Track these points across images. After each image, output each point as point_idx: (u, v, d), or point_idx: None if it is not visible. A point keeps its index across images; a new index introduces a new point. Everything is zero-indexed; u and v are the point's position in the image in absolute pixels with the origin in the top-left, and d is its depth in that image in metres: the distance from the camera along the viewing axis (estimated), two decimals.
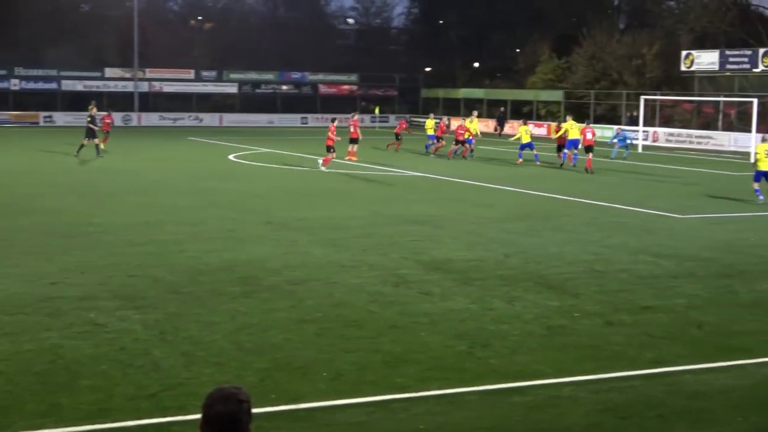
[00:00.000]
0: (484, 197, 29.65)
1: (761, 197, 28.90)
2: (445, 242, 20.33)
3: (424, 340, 12.31)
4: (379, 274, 16.63)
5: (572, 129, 43.13)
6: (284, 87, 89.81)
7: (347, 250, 19.13)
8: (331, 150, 38.40)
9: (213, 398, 4.58)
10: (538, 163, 42.74)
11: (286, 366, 11.08)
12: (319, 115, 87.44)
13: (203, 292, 14.95)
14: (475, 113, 51.64)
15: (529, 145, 43.25)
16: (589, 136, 41.55)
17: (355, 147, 43.60)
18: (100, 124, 44.95)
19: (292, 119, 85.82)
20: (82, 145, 42.72)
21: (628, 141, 49.98)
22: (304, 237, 20.75)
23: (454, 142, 47.48)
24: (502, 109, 75.39)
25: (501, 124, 74.32)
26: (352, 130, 43.83)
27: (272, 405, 9.70)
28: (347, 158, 42.89)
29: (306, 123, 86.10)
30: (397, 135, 51.43)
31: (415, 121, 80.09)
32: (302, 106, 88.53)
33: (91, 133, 42.82)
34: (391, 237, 20.88)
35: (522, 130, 44.18)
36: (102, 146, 44.16)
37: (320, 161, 38.36)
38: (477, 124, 48.97)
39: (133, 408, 9.60)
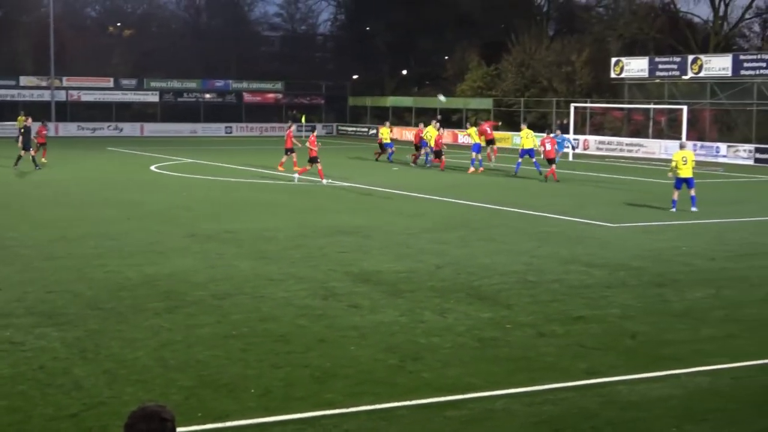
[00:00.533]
0: (415, 207, 29.74)
1: (674, 209, 29.08)
2: (375, 253, 20.34)
3: (353, 354, 12.30)
4: (308, 287, 16.59)
5: (527, 138, 43.59)
6: (207, 95, 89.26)
7: (275, 262, 19.05)
8: (316, 161, 37.41)
9: (135, 417, 4.52)
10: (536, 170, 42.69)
11: (212, 383, 10.99)
12: (243, 125, 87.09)
13: (125, 307, 14.77)
14: (434, 121, 51.03)
15: (529, 152, 43.45)
16: (548, 147, 41.58)
17: (286, 158, 43.27)
18: (35, 136, 44.70)
19: (216, 129, 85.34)
20: (20, 157, 42.77)
21: (566, 147, 50.62)
22: (230, 249, 20.62)
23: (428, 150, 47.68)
24: (438, 117, 75.25)
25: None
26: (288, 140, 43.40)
27: (198, 423, 9.61)
28: (280, 168, 42.61)
29: (230, 132, 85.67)
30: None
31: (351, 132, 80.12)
32: (226, 115, 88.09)
33: (27, 145, 43.00)
34: (319, 249, 20.85)
35: (524, 135, 44.37)
36: (43, 159, 44.51)
37: (295, 175, 37.72)
38: (435, 132, 49.05)
39: (53, 429, 9.45)
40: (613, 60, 66.44)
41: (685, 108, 51.23)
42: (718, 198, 34.40)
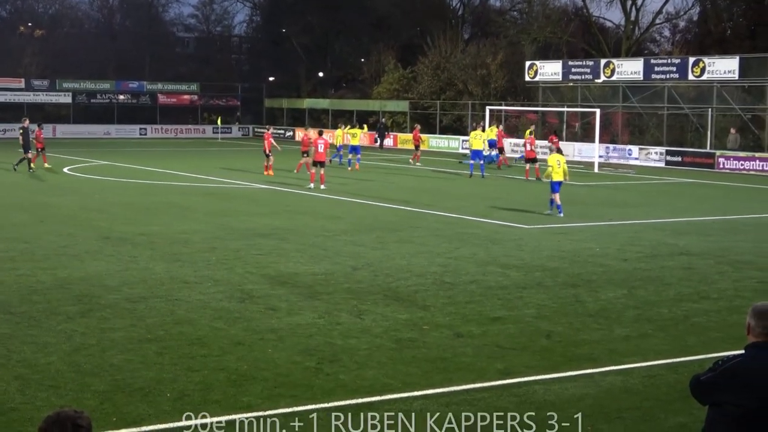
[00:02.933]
0: (331, 209, 29.71)
1: (550, 211, 29.04)
2: (291, 255, 20.29)
3: (270, 357, 12.25)
4: (224, 289, 16.49)
5: (476, 140, 44.30)
6: (121, 97, 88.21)
7: (190, 265, 18.90)
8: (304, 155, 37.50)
9: (49, 422, 4.44)
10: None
11: (127, 387, 10.86)
12: (158, 126, 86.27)
13: (37, 312, 14.53)
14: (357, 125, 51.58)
15: (478, 154, 44.45)
16: (528, 147, 43.85)
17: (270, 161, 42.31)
18: (33, 138, 44.20)
19: (131, 130, 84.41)
20: (22, 159, 43.13)
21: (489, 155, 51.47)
22: (145, 252, 20.41)
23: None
24: (383, 120, 74.99)
25: (381, 136, 71.81)
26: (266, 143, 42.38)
27: (113, 428, 9.49)
28: (266, 173, 41.61)
29: (145, 134, 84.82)
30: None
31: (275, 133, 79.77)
32: (141, 116, 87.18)
33: (27, 147, 43.17)
34: (235, 251, 20.73)
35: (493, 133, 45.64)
36: (46, 165, 44.45)
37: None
38: (359, 134, 49.06)
39: None
40: (528, 63, 67.07)
41: (597, 111, 51.87)
42: (629, 200, 34.94)
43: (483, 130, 47.90)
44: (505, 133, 50.83)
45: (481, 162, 43.78)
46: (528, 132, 47.64)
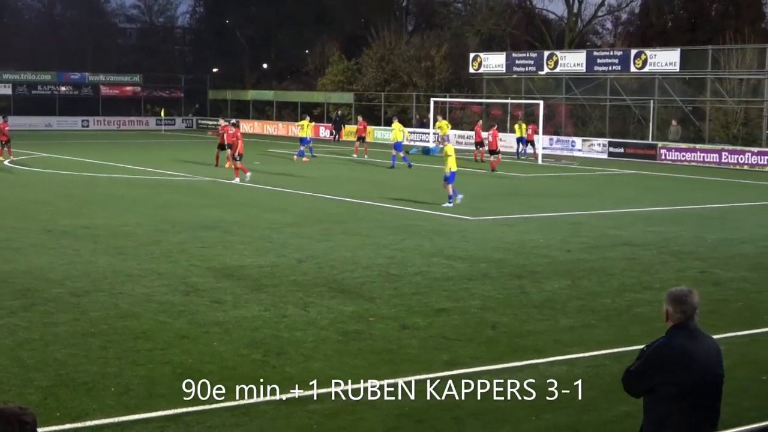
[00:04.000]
0: (277, 201, 29.64)
1: (459, 197, 29.02)
2: (236, 248, 20.22)
3: (216, 350, 12.20)
4: (168, 282, 16.40)
5: (398, 131, 45.04)
6: (63, 88, 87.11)
7: (134, 258, 18.77)
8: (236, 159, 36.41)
9: None
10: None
11: (71, 382, 10.77)
12: (100, 118, 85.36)
13: None
14: (307, 117, 51.23)
15: (397, 145, 45.03)
16: (490, 139, 44.78)
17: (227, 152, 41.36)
18: None
19: (72, 122, 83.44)
20: None
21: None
22: (88, 245, 20.22)
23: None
24: (339, 112, 74.44)
25: (338, 129, 70.08)
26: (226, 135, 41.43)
27: (57, 424, 9.41)
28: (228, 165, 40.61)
29: (87, 126, 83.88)
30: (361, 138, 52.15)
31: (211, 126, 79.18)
32: (82, 108, 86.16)
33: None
34: (180, 244, 20.61)
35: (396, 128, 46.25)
36: (8, 159, 43.67)
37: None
38: (308, 127, 48.87)
39: None
40: (472, 55, 67.29)
41: (541, 103, 52.24)
42: (573, 191, 35.21)
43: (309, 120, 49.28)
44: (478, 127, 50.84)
45: (402, 153, 44.62)
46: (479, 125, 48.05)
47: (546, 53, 62.33)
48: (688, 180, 41.29)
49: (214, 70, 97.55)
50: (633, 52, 56.44)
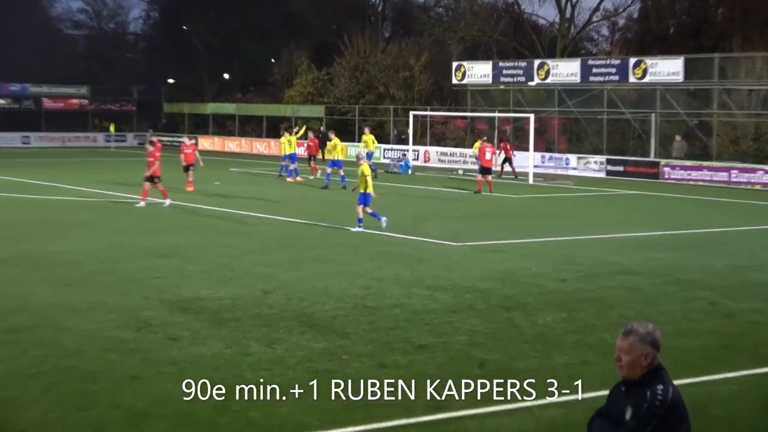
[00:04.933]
0: (240, 226, 29.56)
1: (383, 219, 28.80)
2: (194, 278, 20.10)
3: (171, 392, 12.06)
4: (118, 317, 16.26)
5: (336, 149, 44.60)
6: (1, 101, 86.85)
7: (81, 289, 18.63)
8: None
9: None
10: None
11: (9, 429, 10.66)
12: (43, 134, 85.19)
13: None
14: (297, 128, 51.69)
15: (336, 163, 44.87)
16: (488, 156, 43.33)
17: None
18: None
19: (11, 138, 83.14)
20: None
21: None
22: (30, 276, 20.08)
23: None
24: (321, 128, 73.79)
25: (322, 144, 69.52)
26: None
27: None
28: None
29: (28, 143, 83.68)
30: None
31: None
32: (23, 123, 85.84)
33: None
34: (132, 273, 20.49)
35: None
36: None
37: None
38: (287, 142, 48.84)
39: None
40: (455, 64, 67.40)
41: (531, 116, 52.24)
42: (567, 214, 35.26)
43: (291, 134, 49.66)
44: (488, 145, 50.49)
45: (341, 172, 44.55)
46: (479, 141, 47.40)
47: (536, 62, 62.57)
48: (693, 201, 41.43)
49: (170, 80, 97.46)
50: (632, 60, 56.70)
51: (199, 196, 38.24)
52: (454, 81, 66.67)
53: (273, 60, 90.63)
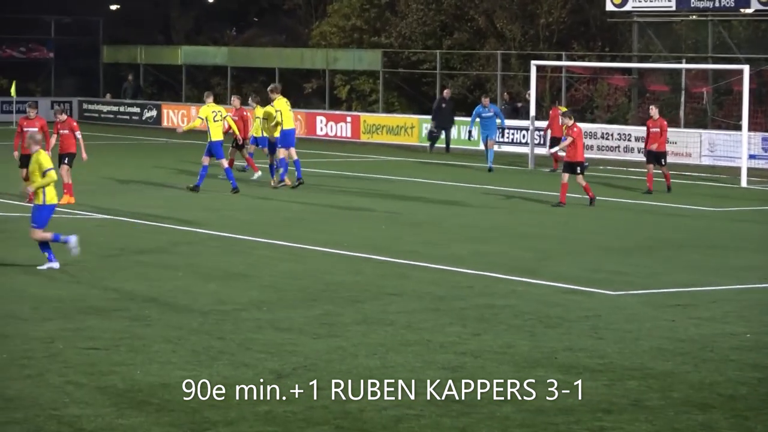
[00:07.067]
0: (234, 259, 29.79)
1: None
2: (155, 350, 20.29)
3: None
4: (25, 417, 16.38)
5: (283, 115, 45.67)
6: None
7: None
8: None
9: None
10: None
11: None
12: None
13: None
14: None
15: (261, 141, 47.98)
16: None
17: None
18: None
19: None
20: None
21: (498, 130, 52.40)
22: None
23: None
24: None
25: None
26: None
27: None
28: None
29: None
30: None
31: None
32: None
33: None
34: (47, 341, 20.69)
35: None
36: None
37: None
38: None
39: None
40: None
41: (746, 69, 51.77)
42: None
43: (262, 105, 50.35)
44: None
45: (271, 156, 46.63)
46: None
47: None
48: None
49: (113, 7, 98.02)
50: None
51: (167, 207, 38.54)
52: (610, 7, 66.31)
53: None
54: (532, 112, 59.09)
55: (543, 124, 61.44)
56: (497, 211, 40.28)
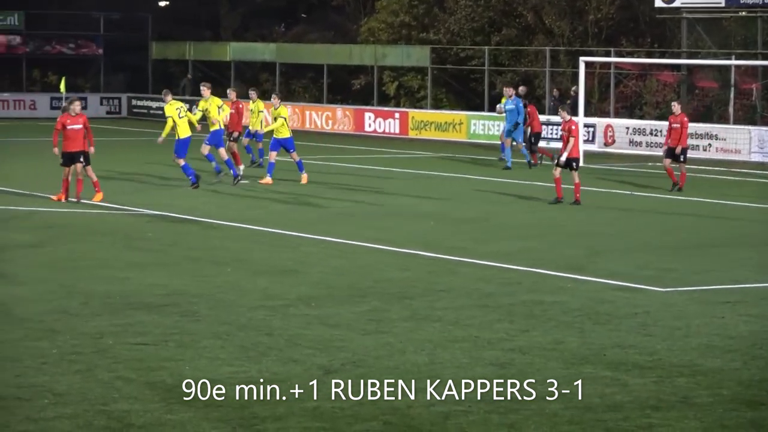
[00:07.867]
0: (279, 255, 29.80)
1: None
2: (203, 346, 20.30)
3: None
4: (75, 412, 16.39)
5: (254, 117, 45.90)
6: None
7: (10, 365, 18.87)
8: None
9: None
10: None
11: None
12: None
13: None
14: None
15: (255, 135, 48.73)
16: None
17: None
18: None
19: None
20: None
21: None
22: None
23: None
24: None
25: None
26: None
27: None
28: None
29: None
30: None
31: None
32: None
33: None
34: (95, 337, 20.74)
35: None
36: None
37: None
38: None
39: None
40: None
41: None
42: None
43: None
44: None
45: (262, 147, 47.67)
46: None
47: None
48: None
49: (162, 3, 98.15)
50: None
51: (210, 205, 38.61)
52: (659, 3, 66.12)
53: None
54: (581, 104, 58.85)
55: (592, 120, 61.48)
56: (545, 208, 40.20)
